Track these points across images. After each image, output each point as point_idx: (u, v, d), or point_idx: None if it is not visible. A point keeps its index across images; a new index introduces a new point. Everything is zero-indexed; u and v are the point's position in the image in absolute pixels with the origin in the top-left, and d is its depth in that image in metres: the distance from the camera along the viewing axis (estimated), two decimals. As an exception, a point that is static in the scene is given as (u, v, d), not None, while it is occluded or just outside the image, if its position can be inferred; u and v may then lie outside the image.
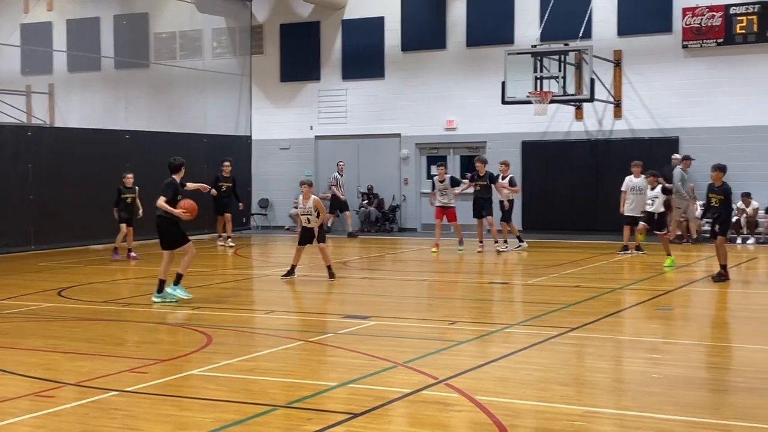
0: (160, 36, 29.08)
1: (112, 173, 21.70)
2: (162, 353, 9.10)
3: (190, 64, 27.75)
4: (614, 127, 23.65)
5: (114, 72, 29.35)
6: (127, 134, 23.05)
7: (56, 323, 11.23)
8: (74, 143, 21.57)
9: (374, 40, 26.00)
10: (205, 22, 28.05)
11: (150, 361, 8.63)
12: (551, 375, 8.06)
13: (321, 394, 7.36)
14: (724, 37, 22.06)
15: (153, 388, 7.55)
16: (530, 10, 24.09)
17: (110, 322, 11.27)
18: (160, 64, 28.38)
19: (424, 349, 9.11)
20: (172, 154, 23.11)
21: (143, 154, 22.74)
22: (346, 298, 13.61)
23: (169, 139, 24.02)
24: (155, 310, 11.93)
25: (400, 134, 25.89)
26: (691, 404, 6.92)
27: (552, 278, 15.10)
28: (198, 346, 9.36)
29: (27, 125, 27.08)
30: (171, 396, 7.35)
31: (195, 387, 7.63)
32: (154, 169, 22.95)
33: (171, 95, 28.11)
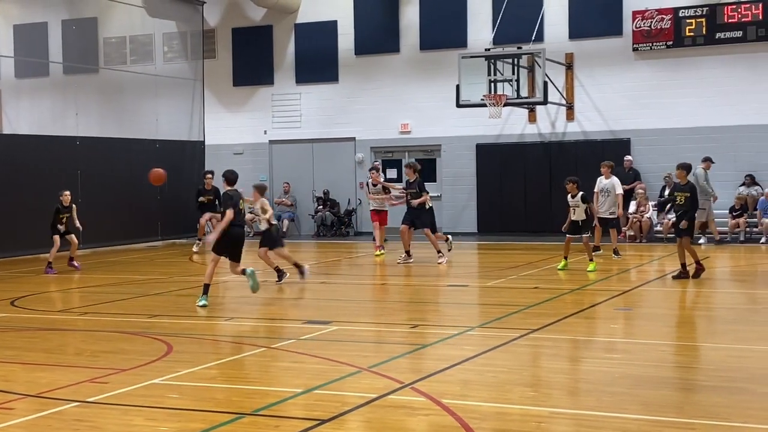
0: (109, 41, 28.77)
1: (64, 180, 21.43)
2: (122, 362, 8.99)
3: (141, 69, 27.47)
4: (567, 130, 23.91)
5: (63, 77, 28.91)
6: (77, 140, 22.74)
7: (11, 333, 11.03)
8: (24, 150, 21.22)
9: (327, 44, 25.98)
10: (156, 27, 27.77)
11: (110, 370, 8.52)
12: (514, 377, 8.12)
13: (286, 401, 7.33)
14: (674, 39, 22.42)
15: (116, 398, 7.45)
16: (483, 14, 24.25)
17: (67, 331, 11.13)
18: (110, 69, 28.05)
19: (387, 354, 9.12)
20: (124, 160, 23.36)
21: (95, 161, 22.51)
22: (306, 303, 13.57)
23: (121, 145, 23.80)
24: (112, 319, 11.79)
25: (355, 138, 25.90)
26: (654, 403, 7.00)
27: (510, 280, 15.21)
28: (159, 354, 9.27)
29: (-27, 132, 26.63)
30: (135, 406, 7.26)
31: (158, 396, 7.55)
32: (105, 176, 22.89)
33: (122, 101, 27.78)
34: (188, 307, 13.00)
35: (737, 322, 10.91)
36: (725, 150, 21.98)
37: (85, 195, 21.97)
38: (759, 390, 7.35)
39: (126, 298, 13.88)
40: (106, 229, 22.37)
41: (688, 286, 13.98)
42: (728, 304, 12.85)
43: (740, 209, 21.13)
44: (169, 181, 24.60)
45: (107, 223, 22.43)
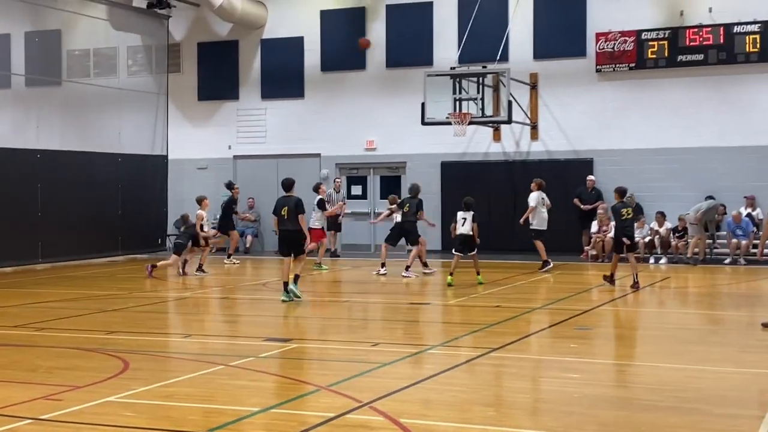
0: (73, 53, 28.52)
1: (24, 193, 21.22)
2: (77, 379, 8.86)
3: (104, 82, 27.26)
4: (531, 149, 24.06)
5: (25, 90, 28.62)
6: (38, 154, 22.51)
7: (-36, 349, 10.85)
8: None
9: (294, 60, 25.98)
10: (120, 40, 27.60)
11: (65, 387, 8.40)
12: (474, 396, 8.10)
13: (242, 420, 7.25)
14: (636, 61, 22.68)
15: (69, 416, 7.34)
16: (449, 33, 24.38)
17: (23, 347, 10.95)
18: (73, 82, 27.80)
19: (347, 372, 9.07)
20: (85, 174, 23.11)
21: (56, 174, 22.28)
22: (266, 320, 13.48)
23: (83, 159, 23.59)
24: (69, 335, 11.63)
25: (320, 154, 25.87)
26: (611, 423, 7.02)
27: (472, 298, 15.22)
28: (114, 371, 9.15)
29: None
30: (88, 424, 7.15)
31: (113, 414, 7.44)
32: (66, 189, 22.66)
33: (85, 114, 27.51)
34: (147, 324, 12.88)
35: (696, 342, 11.00)
36: (686, 171, 22.24)
37: (45, 209, 21.77)
38: (715, 411, 7.40)
39: (84, 313, 13.71)
40: (66, 244, 22.14)
41: (646, 306, 14.08)
42: (688, 325, 12.95)
43: (683, 231, 21.35)
44: (131, 195, 24.64)
45: (67, 238, 22.21)
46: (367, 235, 25.61)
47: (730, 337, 11.29)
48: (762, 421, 6.97)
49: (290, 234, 14.40)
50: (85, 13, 27.09)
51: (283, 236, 14.54)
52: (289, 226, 14.39)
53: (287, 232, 14.44)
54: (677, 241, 21.37)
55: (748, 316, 11.49)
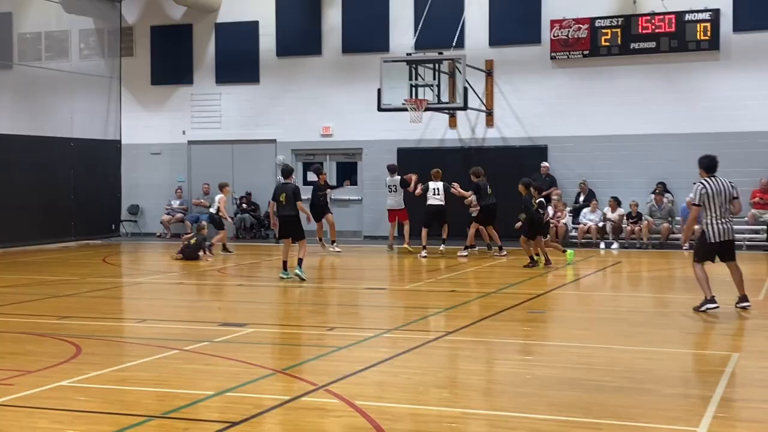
0: (24, 36, 28.05)
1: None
2: (29, 364, 8.77)
3: (56, 66, 26.87)
4: (486, 135, 24.18)
5: (-25, 73, 28.18)
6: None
7: None
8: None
9: (249, 45, 25.81)
10: (73, 23, 27.22)
11: (16, 372, 8.31)
12: (428, 378, 8.16)
13: (197, 403, 7.23)
14: (590, 48, 22.87)
15: (21, 401, 7.28)
16: (405, 19, 24.39)
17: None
18: (24, 65, 27.36)
19: (302, 356, 9.10)
20: (37, 157, 22.83)
21: (7, 158, 21.95)
22: (223, 305, 13.44)
23: (35, 143, 23.25)
24: (20, 320, 11.49)
25: (276, 140, 25.77)
26: (563, 404, 7.12)
27: (428, 283, 15.31)
28: (67, 356, 9.07)
29: None
30: (40, 408, 7.09)
31: (65, 398, 7.38)
32: (18, 174, 22.33)
33: (36, 98, 27.11)
34: (99, 309, 12.77)
35: (646, 324, 11.15)
36: (638, 158, 22.51)
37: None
38: (664, 391, 7.53)
39: (36, 299, 13.56)
40: (18, 229, 21.85)
41: (599, 290, 14.26)
42: (638, 308, 13.13)
43: (636, 216, 21.66)
44: (84, 181, 24.35)
45: (20, 223, 21.91)
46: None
47: (679, 319, 11.47)
48: (709, 401, 7.11)
49: (290, 218, 15.20)
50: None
51: (283, 221, 15.35)
52: (287, 211, 15.17)
53: (286, 217, 15.23)
54: (632, 226, 21.63)
55: (697, 299, 11.68)
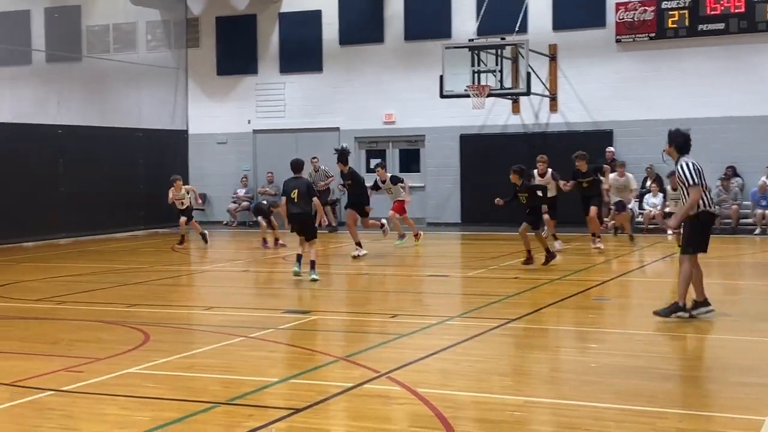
0: (93, 29, 28.61)
1: (46, 169, 21.37)
2: (99, 351, 8.95)
3: (124, 58, 27.34)
4: (550, 120, 23.94)
5: (45, 66, 28.77)
6: (59, 129, 22.64)
7: (-12, 322, 10.99)
8: (5, 139, 21.12)
9: (312, 34, 25.91)
10: (140, 15, 27.66)
11: (86, 359, 8.49)
12: (491, 366, 8.13)
13: (262, 390, 7.32)
14: (656, 31, 22.47)
15: (90, 387, 7.43)
16: (467, 5, 24.24)
17: (45, 320, 11.09)
18: (93, 57, 27.90)
19: (365, 343, 9.13)
20: (106, 149, 23.26)
21: (77, 150, 22.40)
22: (286, 292, 13.55)
23: (104, 134, 23.71)
24: (90, 308, 11.75)
25: (339, 128, 25.84)
26: (628, 392, 7.03)
27: (491, 270, 15.23)
28: (136, 343, 9.25)
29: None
30: (108, 395, 7.24)
31: (133, 385, 7.52)
32: (88, 164, 22.78)
33: (105, 89, 27.66)
34: (167, 297, 12.99)
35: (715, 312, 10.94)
36: (707, 142, 21.98)
37: (66, 183, 21.92)
38: (730, 379, 7.40)
39: (106, 287, 13.83)
40: (88, 218, 22.31)
41: (665, 276, 14.03)
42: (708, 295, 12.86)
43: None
44: (152, 171, 24.73)
45: (89, 212, 22.36)
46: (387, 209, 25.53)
47: (747, 306, 11.24)
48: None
49: (300, 216, 13.95)
50: (104, -12, 27.19)
51: (294, 219, 14.00)
52: (298, 209, 13.90)
53: (298, 215, 13.94)
54: None
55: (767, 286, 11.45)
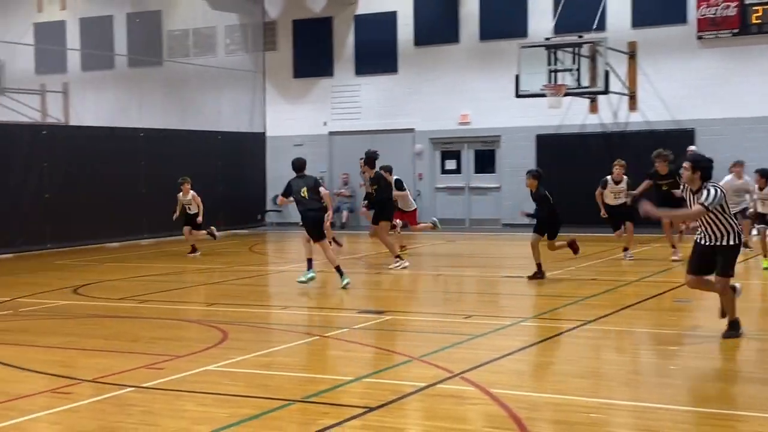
0: (173, 33, 29.17)
1: (127, 171, 21.84)
2: (178, 349, 9.12)
3: (203, 62, 27.82)
4: (629, 119, 23.57)
5: (128, 70, 29.46)
6: (141, 132, 23.14)
7: (72, 321, 11.27)
8: (89, 142, 21.66)
9: (387, 35, 25.97)
10: (218, 19, 28.11)
11: (166, 357, 8.66)
12: (567, 368, 8.05)
13: (337, 388, 7.36)
14: (739, 27, 21.94)
15: (169, 384, 7.57)
16: (544, 3, 24.01)
17: (126, 318, 11.33)
18: (173, 61, 28.44)
19: (439, 343, 9.10)
20: (187, 151, 23.67)
21: (158, 152, 22.84)
22: (361, 293, 13.59)
23: (184, 137, 24.14)
24: (170, 307, 11.97)
25: (414, 129, 25.85)
26: (708, 396, 6.91)
27: (568, 271, 15.06)
28: (214, 342, 9.39)
29: (42, 124, 27.21)
30: (187, 391, 7.36)
31: (211, 382, 7.63)
32: (168, 167, 23.20)
33: (185, 92, 28.16)
34: (245, 296, 13.15)
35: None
36: (793, 140, 21.47)
37: (148, 185, 22.37)
38: (817, 384, 7.19)
39: (185, 286, 14.08)
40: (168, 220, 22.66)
41: (747, 278, 13.69)
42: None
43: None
44: (231, 172, 25.09)
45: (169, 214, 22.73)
46: (462, 210, 25.53)
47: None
48: None
49: (314, 214, 13.28)
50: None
51: (308, 217, 13.31)
52: (313, 205, 13.26)
53: (312, 211, 13.27)
54: None
55: None
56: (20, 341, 9.71)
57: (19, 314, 11.68)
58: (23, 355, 8.92)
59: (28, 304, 12.56)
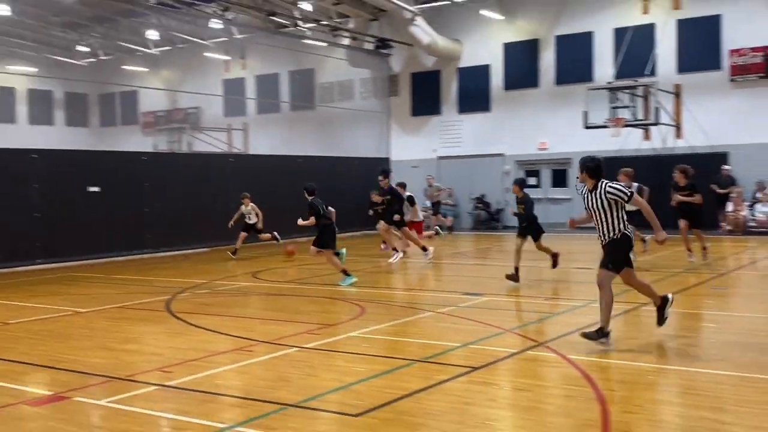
0: (323, 85, 29.71)
1: (290, 186, 22.31)
2: (329, 319, 9.28)
3: (344, 105, 28.24)
4: (676, 145, 22.71)
5: (289, 113, 30.19)
6: (299, 158, 23.61)
7: (252, 297, 11.60)
8: (263, 165, 22.25)
9: (482, 83, 25.79)
10: (356, 74, 28.49)
11: (321, 325, 8.82)
12: (629, 339, 7.83)
13: (448, 352, 7.36)
14: (764, 71, 20.89)
15: (324, 345, 7.71)
16: (606, 54, 23.41)
17: (291, 296, 11.57)
18: (323, 106, 28.99)
19: (526, 319, 9.00)
20: (333, 174, 24.03)
21: (312, 174, 23.20)
22: (464, 279, 13.54)
23: (330, 161, 24.50)
24: (323, 288, 12.17)
25: (503, 154, 25.57)
26: (743, 363, 6.59)
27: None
28: (355, 314, 9.51)
29: (228, 153, 28.15)
30: (337, 351, 7.49)
31: (354, 345, 7.74)
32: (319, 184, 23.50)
33: (331, 129, 28.70)
34: (378, 281, 13.25)
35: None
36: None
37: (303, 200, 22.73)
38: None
39: (334, 273, 14.27)
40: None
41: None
42: None
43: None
44: (364, 187, 25.31)
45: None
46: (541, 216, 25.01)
47: None
48: None
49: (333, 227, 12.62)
50: (331, 55, 28.18)
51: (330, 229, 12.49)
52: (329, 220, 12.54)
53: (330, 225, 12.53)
54: None
55: None
56: (215, 312, 10.03)
57: (215, 292, 12.09)
58: (218, 323, 9.22)
59: (220, 285, 12.98)
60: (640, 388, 6.01)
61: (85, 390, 6.23)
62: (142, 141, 33.46)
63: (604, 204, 7.18)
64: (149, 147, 31.81)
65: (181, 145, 32.50)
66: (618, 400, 5.69)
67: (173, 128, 33.23)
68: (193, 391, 6.11)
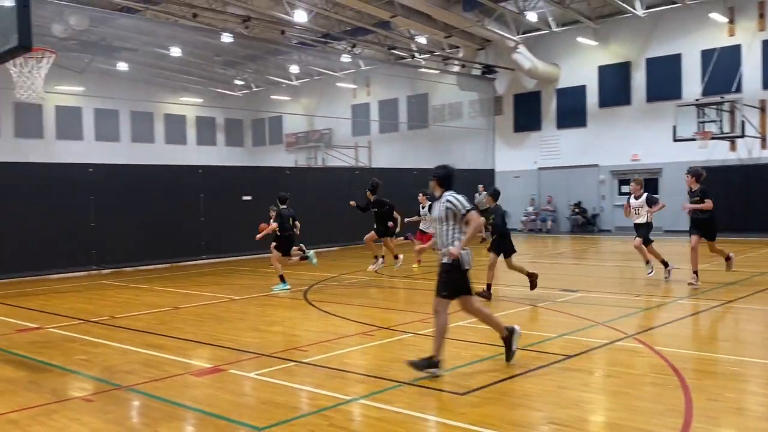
0: (435, 107, 29.79)
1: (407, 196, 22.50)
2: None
3: (454, 124, 28.17)
4: (761, 155, 21.15)
5: (407, 132, 30.44)
6: (415, 171, 23.74)
7: (372, 289, 11.78)
8: (384, 178, 22.38)
9: (579, 101, 25.03)
10: (465, 96, 28.36)
11: (431, 315, 8.79)
12: (713, 333, 7.40)
13: (545, 342, 7.24)
14: None
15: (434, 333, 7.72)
16: (694, 73, 22.14)
17: (406, 289, 11.67)
18: (436, 125, 29.05)
19: (617, 314, 8.68)
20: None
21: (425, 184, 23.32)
22: (561, 277, 13.18)
23: (442, 173, 24.43)
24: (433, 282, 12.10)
25: (598, 164, 24.70)
26: (828, 361, 6.09)
27: (715, 264, 13.75)
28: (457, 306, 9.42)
29: (355, 167, 28.75)
30: (448, 338, 7.47)
31: (461, 333, 7.72)
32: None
33: (443, 145, 28.67)
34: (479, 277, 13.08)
35: None
36: None
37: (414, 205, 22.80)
38: None
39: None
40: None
41: None
42: None
43: None
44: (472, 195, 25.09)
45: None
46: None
47: None
48: None
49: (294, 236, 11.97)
50: (443, 81, 28.18)
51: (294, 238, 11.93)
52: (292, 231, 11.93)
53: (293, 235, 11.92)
54: None
55: None
56: (343, 301, 10.26)
57: (343, 285, 12.38)
58: (344, 310, 9.46)
59: (347, 278, 13.26)
60: (722, 378, 5.68)
61: (238, 364, 6.58)
62: (285, 157, 34.83)
63: (442, 214, 6.20)
64: (291, 162, 33.08)
65: (317, 161, 33.52)
66: (702, 389, 5.40)
67: (310, 146, 34.35)
68: (325, 368, 6.32)
